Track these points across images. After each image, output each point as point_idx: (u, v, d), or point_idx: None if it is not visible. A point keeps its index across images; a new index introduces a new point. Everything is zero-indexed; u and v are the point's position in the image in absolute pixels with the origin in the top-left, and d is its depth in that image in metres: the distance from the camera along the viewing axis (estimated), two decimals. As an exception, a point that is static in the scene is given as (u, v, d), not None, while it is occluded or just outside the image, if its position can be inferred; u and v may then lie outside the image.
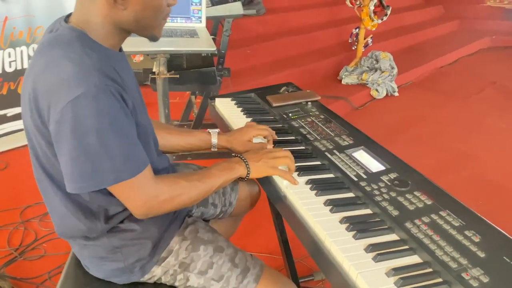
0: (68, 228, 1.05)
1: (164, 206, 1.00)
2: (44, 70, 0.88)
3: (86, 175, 0.88)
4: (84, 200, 1.00)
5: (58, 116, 0.84)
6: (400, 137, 3.51)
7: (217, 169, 1.11)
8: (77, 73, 0.85)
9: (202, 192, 1.06)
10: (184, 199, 1.03)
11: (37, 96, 0.88)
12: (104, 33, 0.94)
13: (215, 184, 1.09)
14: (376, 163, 1.20)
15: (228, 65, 3.72)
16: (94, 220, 1.02)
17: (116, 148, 0.88)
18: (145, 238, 1.07)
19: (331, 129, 1.40)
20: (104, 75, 0.87)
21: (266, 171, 1.15)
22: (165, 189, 0.99)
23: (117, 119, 0.88)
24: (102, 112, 0.85)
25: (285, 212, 1.11)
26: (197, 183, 1.05)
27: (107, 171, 0.88)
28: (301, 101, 1.59)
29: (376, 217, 1.02)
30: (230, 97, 1.65)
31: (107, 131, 0.86)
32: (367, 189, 1.09)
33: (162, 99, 1.82)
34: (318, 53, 4.77)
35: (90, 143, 0.85)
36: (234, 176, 1.13)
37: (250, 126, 1.33)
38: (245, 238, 2.13)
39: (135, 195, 0.94)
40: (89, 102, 0.84)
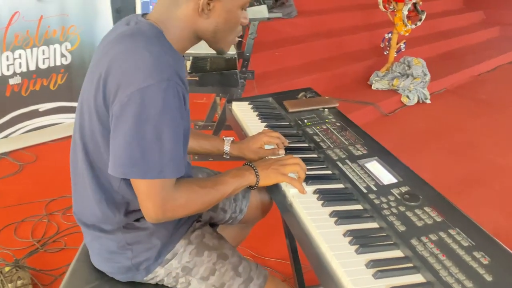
0: (86, 213, 1.08)
1: (178, 211, 1.00)
2: (122, 55, 0.93)
3: (133, 161, 0.91)
4: (112, 188, 1.02)
5: (126, 99, 0.88)
6: (431, 146, 3.42)
7: (229, 176, 1.11)
8: (154, 65, 0.90)
9: (214, 199, 1.07)
10: (197, 204, 1.04)
11: (108, 77, 0.92)
12: (179, 36, 1.00)
13: (226, 191, 1.09)
14: (388, 175, 1.17)
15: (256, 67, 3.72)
16: (114, 210, 1.04)
17: (168, 144, 0.91)
18: (155, 238, 1.09)
19: (346, 137, 1.37)
20: (176, 74, 0.92)
21: (276, 178, 1.14)
22: (182, 194, 0.99)
23: (176, 118, 0.92)
24: (166, 106, 0.89)
25: (290, 221, 1.09)
26: (210, 189, 1.06)
27: (154, 164, 0.91)
28: (318, 107, 1.56)
29: (381, 232, 0.99)
30: (248, 101, 1.64)
31: (166, 126, 0.90)
32: (375, 202, 1.06)
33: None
34: (348, 57, 4.70)
35: (147, 131, 0.89)
36: (244, 184, 1.12)
37: (261, 133, 1.33)
38: (260, 243, 2.12)
39: (156, 196, 0.94)
40: (158, 93, 0.88)
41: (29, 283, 1.75)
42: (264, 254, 2.08)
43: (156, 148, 0.91)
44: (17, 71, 2.73)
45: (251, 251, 2.08)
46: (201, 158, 2.74)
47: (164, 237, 1.10)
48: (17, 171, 2.65)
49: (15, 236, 2.12)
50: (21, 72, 2.75)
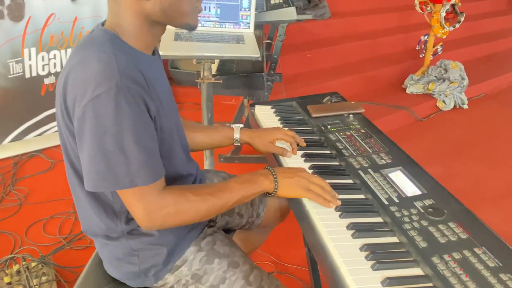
0: (90, 225, 1.07)
1: (168, 220, 0.96)
2: (75, 67, 0.91)
3: (101, 174, 0.89)
4: (107, 199, 1.01)
5: (80, 113, 0.87)
6: (467, 154, 3.27)
7: (237, 181, 1.05)
8: (101, 73, 0.87)
9: (214, 207, 1.00)
10: (190, 214, 0.98)
11: (66, 92, 0.91)
12: (135, 32, 0.96)
13: (231, 199, 1.02)
14: (412, 186, 1.11)
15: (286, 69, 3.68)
16: (115, 219, 1.03)
17: (132, 152, 0.88)
18: (162, 244, 1.07)
19: (370, 145, 1.31)
20: (127, 77, 0.88)
21: (297, 192, 1.06)
22: (169, 202, 0.95)
23: (135, 123, 0.88)
24: (120, 113, 0.86)
25: (306, 231, 1.05)
26: (208, 197, 0.99)
27: (122, 174, 0.89)
28: (343, 112, 1.52)
29: (401, 247, 0.94)
30: (270, 105, 1.61)
31: (124, 133, 0.87)
32: (396, 215, 1.01)
33: (205, 103, 1.82)
34: (382, 59, 4.57)
35: (107, 142, 0.86)
36: (257, 191, 1.06)
37: (276, 128, 1.30)
38: (280, 248, 2.09)
39: (138, 204, 0.92)
40: (109, 101, 0.85)
41: (53, 279, 1.78)
42: (284, 260, 2.04)
43: (121, 158, 0.87)
44: (51, 71, 2.82)
45: (271, 256, 2.05)
46: (226, 160, 2.73)
47: (171, 243, 1.08)
48: (49, 168, 2.72)
49: (44, 232, 2.17)
50: (55, 72, 2.83)
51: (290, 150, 1.26)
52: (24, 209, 2.35)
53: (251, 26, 1.89)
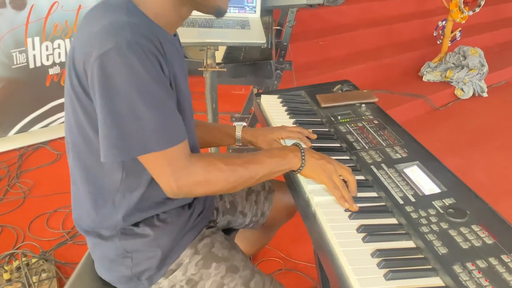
0: (84, 217, 1.00)
1: (197, 188, 0.90)
2: (81, 29, 0.86)
3: (114, 140, 0.82)
4: (112, 186, 0.94)
5: (90, 72, 0.80)
6: (487, 144, 3.14)
7: (266, 155, 0.98)
8: (109, 27, 0.80)
9: (243, 179, 0.95)
10: (220, 183, 0.92)
11: (74, 55, 0.85)
12: (159, 7, 0.88)
13: (260, 172, 0.96)
14: (430, 183, 1.01)
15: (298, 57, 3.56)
16: (112, 212, 0.96)
17: (146, 114, 0.81)
18: (156, 246, 0.99)
19: (384, 137, 1.21)
20: (139, 33, 0.81)
21: (320, 175, 0.99)
22: (199, 170, 0.89)
23: (148, 82, 0.81)
24: (131, 71, 0.79)
25: (312, 232, 0.96)
26: (238, 167, 0.93)
27: (136, 139, 0.82)
28: (355, 102, 1.41)
29: (417, 253, 0.84)
30: (277, 95, 1.51)
31: (137, 93, 0.80)
32: (412, 216, 0.91)
33: (209, 93, 1.73)
34: (398, 46, 4.42)
35: (117, 104, 0.80)
36: (285, 167, 0.99)
37: (281, 127, 1.21)
38: (290, 244, 2.00)
39: (165, 170, 0.85)
40: (118, 58, 0.78)
41: (53, 276, 1.73)
42: (293, 256, 1.95)
43: (132, 121, 0.80)
44: (56, 61, 2.75)
45: (280, 252, 1.97)
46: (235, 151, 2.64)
47: (167, 245, 1.00)
48: (55, 160, 2.67)
49: (47, 226, 2.12)
50: (60, 62, 2.76)
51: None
52: (28, 202, 2.30)
53: (257, 11, 1.79)
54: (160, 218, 0.99)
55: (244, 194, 1.26)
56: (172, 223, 1.00)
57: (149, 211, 0.97)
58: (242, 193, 1.26)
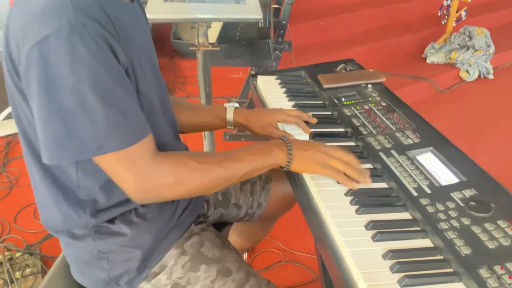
0: (50, 218, 0.88)
1: (166, 192, 0.79)
2: (14, 7, 0.72)
3: (60, 141, 0.70)
4: (70, 182, 0.82)
5: (25, 61, 0.68)
6: (493, 128, 3.03)
7: (247, 151, 0.87)
8: (49, 7, 0.67)
9: (220, 179, 0.83)
10: (194, 185, 0.81)
11: (8, 40, 0.72)
12: None
13: (240, 171, 0.85)
14: (447, 172, 0.89)
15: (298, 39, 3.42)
16: (78, 210, 0.84)
17: (98, 109, 0.69)
18: (135, 246, 0.88)
19: (393, 121, 1.09)
20: (84, 13, 0.68)
21: (313, 167, 0.88)
22: (167, 170, 0.77)
23: (98, 72, 0.69)
24: (77, 59, 0.66)
25: (313, 228, 0.85)
26: (214, 166, 0.82)
27: (88, 137, 0.70)
28: (360, 82, 1.29)
29: (436, 254, 0.73)
30: (275, 75, 1.39)
31: (85, 86, 0.68)
32: (429, 210, 0.79)
33: (202, 74, 1.60)
34: (401, 27, 4.28)
35: (63, 99, 0.67)
36: (270, 163, 0.88)
37: (278, 110, 1.09)
38: (291, 234, 1.90)
39: (127, 172, 0.74)
40: (60, 44, 0.66)
41: (38, 271, 1.63)
42: (294, 247, 1.86)
43: (83, 117, 0.68)
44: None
45: (280, 243, 1.87)
46: (232, 138, 2.52)
47: (147, 245, 0.89)
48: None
49: (34, 217, 2.02)
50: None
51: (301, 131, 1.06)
52: (15, 192, 2.19)
53: (253, -15, 1.65)
54: (139, 213, 0.88)
55: (238, 184, 1.15)
56: (153, 219, 0.88)
57: (124, 205, 0.85)
58: (236, 184, 1.14)
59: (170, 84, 3.41)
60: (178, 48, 3.51)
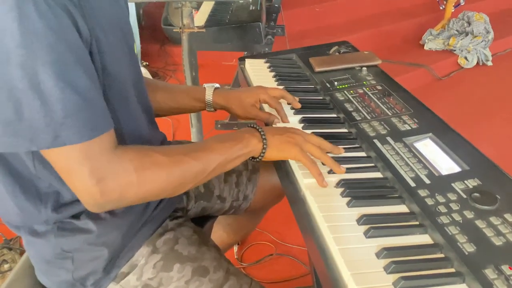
0: (7, 212, 0.79)
1: (129, 192, 0.68)
2: None
3: (10, 126, 0.60)
4: (28, 172, 0.72)
5: None
6: (493, 115, 2.96)
7: (217, 140, 0.78)
8: None
9: (191, 172, 0.74)
10: (160, 181, 0.71)
11: None
12: None
13: (211, 163, 0.75)
14: (448, 160, 0.82)
15: (293, 25, 3.33)
16: (37, 203, 0.74)
17: (52, 90, 0.59)
18: (102, 244, 0.79)
19: (389, 105, 1.01)
20: None
21: (290, 151, 0.80)
22: (128, 166, 0.67)
23: (55, 45, 0.59)
24: (28, 29, 0.57)
25: (301, 221, 0.77)
26: (183, 158, 0.72)
27: (41, 124, 0.60)
28: (354, 65, 1.20)
29: (437, 252, 0.65)
30: (264, 58, 1.30)
31: (38, 61, 0.58)
32: (428, 202, 0.72)
33: (188, 58, 1.52)
34: (398, 13, 4.19)
35: (12, 74, 0.58)
36: (243, 152, 0.79)
37: (261, 88, 1.00)
38: (283, 225, 1.83)
39: (81, 169, 0.64)
40: (9, 9, 0.56)
41: (17, 266, 1.55)
42: (286, 239, 1.79)
43: (35, 100, 0.59)
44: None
45: (271, 235, 1.80)
46: (224, 127, 2.44)
47: (116, 243, 0.80)
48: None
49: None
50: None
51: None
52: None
53: (241, -37, 1.56)
54: None
55: (222, 174, 1.06)
56: (123, 214, 0.80)
57: None
58: (220, 174, 1.06)
59: (161, 72, 3.32)
60: (169, 34, 3.42)
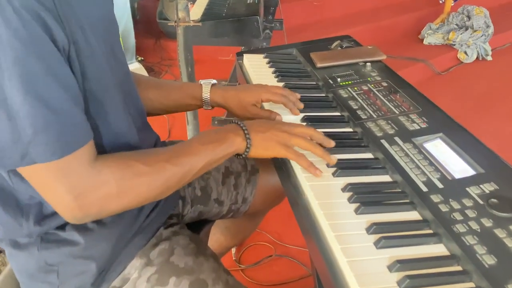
0: None
1: (109, 205, 0.65)
2: None
3: None
4: (8, 185, 0.68)
5: None
6: (492, 111, 2.92)
7: (200, 141, 0.74)
8: None
9: (174, 179, 0.70)
10: (142, 192, 0.67)
11: None
12: None
13: (195, 165, 0.72)
14: (461, 163, 0.77)
15: (290, 19, 3.27)
16: (19, 218, 0.69)
17: (22, 106, 0.55)
18: (90, 258, 0.74)
19: (396, 103, 0.96)
20: None
21: (274, 149, 0.77)
22: (108, 177, 0.64)
23: (24, 55, 0.54)
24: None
25: (305, 229, 0.72)
26: (165, 165, 0.69)
27: (8, 142, 0.56)
28: (358, 60, 1.15)
29: (454, 263, 0.60)
30: (263, 53, 1.25)
31: (5, 76, 0.54)
32: (442, 209, 0.67)
33: (183, 53, 1.46)
34: (397, 7, 4.14)
35: None
36: (227, 152, 0.75)
37: (261, 86, 0.95)
38: (282, 226, 1.78)
39: (58, 186, 0.60)
40: None
41: (7, 270, 1.49)
42: (285, 240, 1.73)
43: (2, 116, 0.55)
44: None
45: (270, 235, 1.74)
46: (221, 123, 2.38)
47: (105, 255, 0.75)
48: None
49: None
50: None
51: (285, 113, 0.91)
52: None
53: (239, -47, 1.50)
54: None
55: (220, 176, 1.01)
56: (112, 224, 0.74)
57: None
58: (217, 176, 1.01)
59: (156, 67, 3.25)
60: (165, 29, 3.35)
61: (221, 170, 1.02)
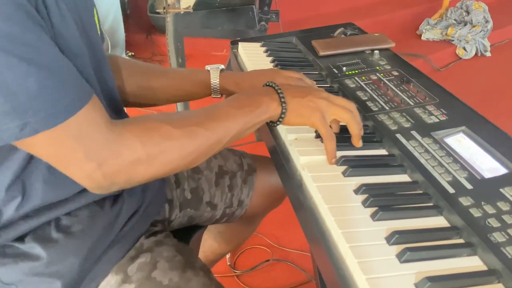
0: None
1: (137, 172, 0.58)
2: None
3: None
4: None
5: None
6: (492, 107, 2.85)
7: (232, 105, 0.66)
8: None
9: (205, 146, 0.63)
10: (173, 158, 0.60)
11: None
12: None
13: (228, 132, 0.64)
14: (489, 160, 0.67)
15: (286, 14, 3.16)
16: None
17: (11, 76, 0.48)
18: (54, 275, 0.63)
19: (410, 94, 0.86)
20: None
21: (310, 117, 0.68)
22: (133, 141, 0.56)
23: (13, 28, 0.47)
24: None
25: (312, 237, 0.62)
26: (196, 129, 0.61)
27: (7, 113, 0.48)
28: (364, 48, 1.05)
29: (494, 281, 0.50)
30: (260, 42, 1.14)
31: None
32: (473, 214, 0.57)
33: (173, 43, 1.35)
34: (394, 2, 4.08)
35: None
36: (262, 118, 0.67)
37: (275, 71, 0.85)
38: (280, 229, 1.68)
39: (74, 156, 0.53)
40: None
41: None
42: (283, 243, 1.64)
43: None
44: None
45: (267, 238, 1.65)
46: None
47: (73, 271, 0.64)
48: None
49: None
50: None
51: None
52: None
53: None
54: (61, 225, 0.63)
55: (213, 177, 0.91)
56: (81, 234, 0.64)
57: (41, 215, 0.61)
58: (210, 176, 0.90)
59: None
60: (156, 22, 3.25)
61: (214, 169, 0.91)
